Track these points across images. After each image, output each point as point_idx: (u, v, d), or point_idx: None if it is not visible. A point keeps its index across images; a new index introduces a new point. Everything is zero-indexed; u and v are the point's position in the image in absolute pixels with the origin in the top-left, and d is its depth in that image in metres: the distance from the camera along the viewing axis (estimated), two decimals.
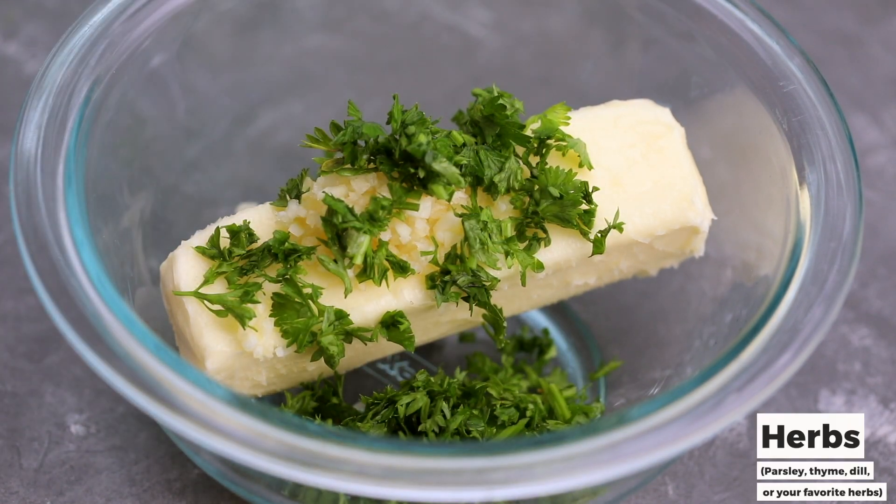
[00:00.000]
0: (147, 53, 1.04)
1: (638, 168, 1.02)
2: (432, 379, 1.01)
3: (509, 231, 0.99)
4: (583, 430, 0.87)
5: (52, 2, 1.36)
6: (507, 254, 0.99)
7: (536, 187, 0.99)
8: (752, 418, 1.11)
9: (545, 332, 1.16)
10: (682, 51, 1.11)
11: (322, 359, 0.98)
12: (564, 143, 1.01)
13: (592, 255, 1.00)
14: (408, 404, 0.99)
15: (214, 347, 0.96)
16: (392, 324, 0.98)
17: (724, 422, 0.89)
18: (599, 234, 1.00)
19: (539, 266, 0.99)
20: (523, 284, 0.99)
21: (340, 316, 0.97)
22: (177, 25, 1.05)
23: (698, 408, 0.89)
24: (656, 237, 1.02)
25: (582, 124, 1.03)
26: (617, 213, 1.00)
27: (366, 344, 0.99)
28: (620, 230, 1.00)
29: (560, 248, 1.00)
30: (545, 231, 0.99)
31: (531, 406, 1.02)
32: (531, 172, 1.00)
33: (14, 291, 1.15)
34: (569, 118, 1.02)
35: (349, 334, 0.98)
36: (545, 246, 1.00)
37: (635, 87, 1.15)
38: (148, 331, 0.89)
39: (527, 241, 1.00)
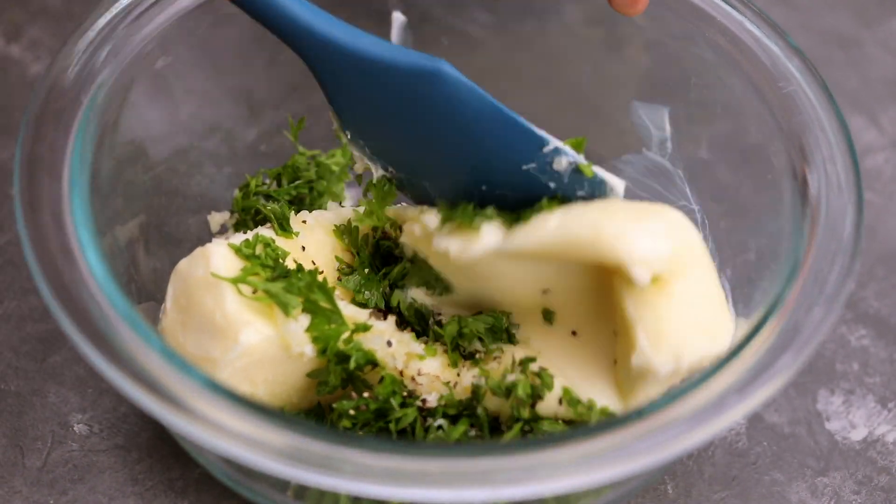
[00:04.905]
0: (151, 56, 1.04)
1: None
2: None
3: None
4: (585, 432, 0.87)
5: (56, 4, 1.36)
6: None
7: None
8: (751, 418, 1.12)
9: None
10: (681, 52, 1.11)
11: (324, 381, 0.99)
12: None
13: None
14: (398, 420, 0.99)
15: (253, 323, 0.95)
16: None
17: (725, 423, 0.89)
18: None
19: None
20: None
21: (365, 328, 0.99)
22: (181, 28, 1.05)
23: (699, 409, 0.89)
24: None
25: None
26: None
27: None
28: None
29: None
30: None
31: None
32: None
33: (17, 292, 1.16)
34: None
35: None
36: None
37: (635, 89, 1.15)
38: (153, 332, 0.90)
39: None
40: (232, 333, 0.95)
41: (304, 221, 1.05)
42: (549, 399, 0.99)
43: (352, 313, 1.01)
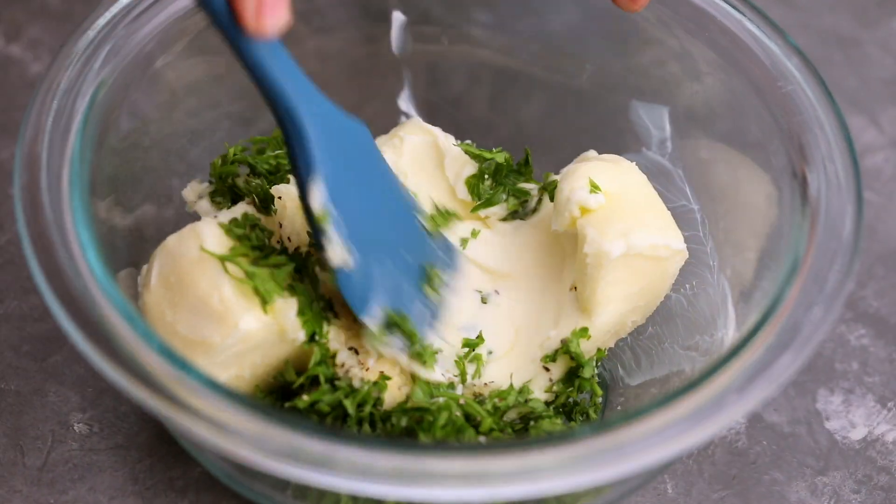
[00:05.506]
0: (151, 55, 1.04)
1: None
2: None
3: None
4: (585, 431, 0.87)
5: (56, 4, 1.36)
6: None
7: None
8: (751, 418, 1.12)
9: None
10: (680, 51, 1.11)
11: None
12: None
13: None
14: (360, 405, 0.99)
15: (252, 310, 0.95)
16: None
17: (725, 422, 0.89)
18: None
19: None
20: None
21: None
22: (180, 27, 1.05)
23: (698, 408, 0.89)
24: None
25: None
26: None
27: None
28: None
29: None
30: None
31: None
32: None
33: (18, 291, 1.16)
34: None
35: None
36: None
37: (635, 88, 1.15)
38: (153, 332, 0.90)
39: None
40: (231, 319, 0.94)
41: (280, 198, 1.04)
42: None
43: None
